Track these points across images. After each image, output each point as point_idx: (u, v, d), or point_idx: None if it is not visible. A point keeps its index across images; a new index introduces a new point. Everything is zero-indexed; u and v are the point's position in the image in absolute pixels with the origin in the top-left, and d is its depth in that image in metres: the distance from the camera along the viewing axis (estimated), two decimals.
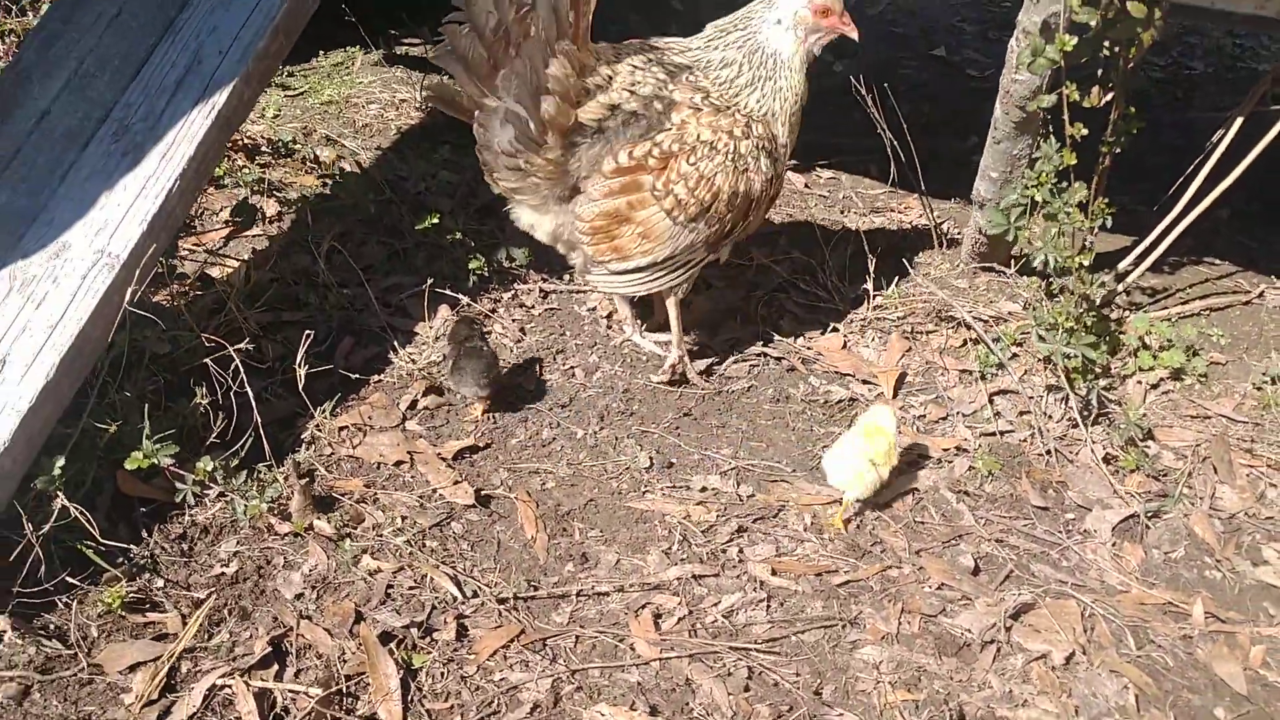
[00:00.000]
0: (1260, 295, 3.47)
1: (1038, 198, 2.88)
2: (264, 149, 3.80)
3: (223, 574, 2.38)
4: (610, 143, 2.75)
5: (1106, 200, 3.01)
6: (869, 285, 3.38)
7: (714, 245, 2.89)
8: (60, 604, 2.24)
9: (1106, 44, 2.76)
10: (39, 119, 2.61)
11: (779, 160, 2.88)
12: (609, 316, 3.24)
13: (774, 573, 2.51)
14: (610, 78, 2.74)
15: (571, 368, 3.06)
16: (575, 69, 2.64)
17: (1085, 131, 2.78)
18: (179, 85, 2.59)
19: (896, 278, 3.44)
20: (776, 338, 3.21)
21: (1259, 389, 3.06)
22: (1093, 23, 2.62)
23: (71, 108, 2.60)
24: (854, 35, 2.77)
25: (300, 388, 2.63)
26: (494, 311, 3.21)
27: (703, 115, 2.76)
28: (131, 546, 2.37)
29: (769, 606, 2.44)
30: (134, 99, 2.59)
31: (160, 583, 2.34)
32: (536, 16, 2.58)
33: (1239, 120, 3.16)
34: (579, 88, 2.66)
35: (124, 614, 2.25)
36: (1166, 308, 3.38)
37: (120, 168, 2.49)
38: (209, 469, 2.45)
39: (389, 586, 2.38)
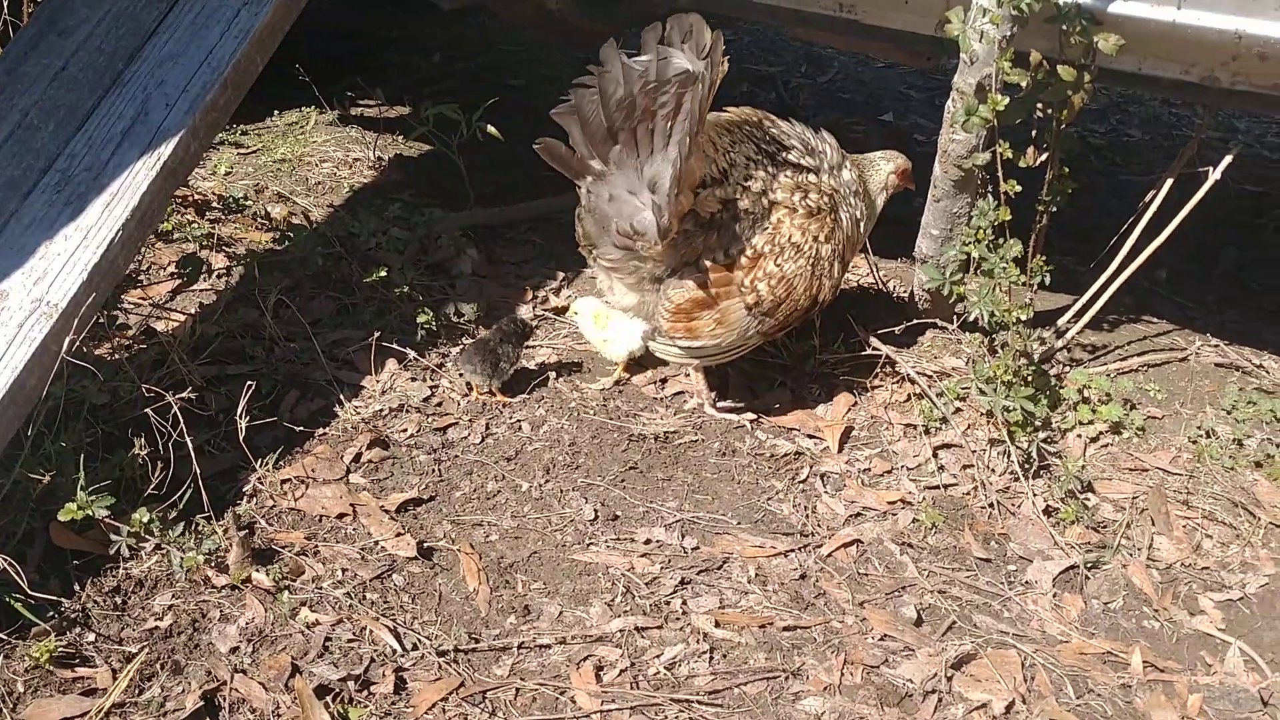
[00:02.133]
0: (1196, 352, 3.54)
1: (975, 254, 2.95)
2: (214, 205, 3.81)
3: (156, 627, 2.33)
4: (720, 236, 2.86)
5: (1045, 259, 3.09)
6: (816, 340, 3.42)
7: (771, 336, 3.04)
8: None
9: (1040, 106, 2.85)
10: None
11: (846, 267, 3.10)
12: (556, 372, 3.26)
13: (717, 624, 2.51)
14: (727, 170, 2.85)
15: (518, 421, 3.06)
16: (705, 162, 2.74)
17: (1019, 188, 2.85)
18: (125, 136, 2.60)
19: (843, 334, 3.49)
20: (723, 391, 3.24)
21: (1194, 442, 3.12)
22: (1023, 84, 2.71)
23: (14, 158, 2.60)
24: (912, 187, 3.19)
25: (241, 439, 2.61)
26: (441, 366, 3.22)
27: (796, 217, 2.91)
28: (63, 600, 2.33)
29: (712, 658, 2.43)
30: (78, 150, 2.59)
31: (91, 637, 2.30)
32: (677, 107, 2.63)
33: (1169, 182, 3.25)
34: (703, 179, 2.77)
35: (52, 669, 2.20)
36: (1106, 364, 3.45)
37: (62, 218, 2.49)
38: (145, 520, 2.41)
39: (327, 639, 2.35)
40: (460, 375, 3.10)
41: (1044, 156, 2.94)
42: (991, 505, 2.92)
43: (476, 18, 5.50)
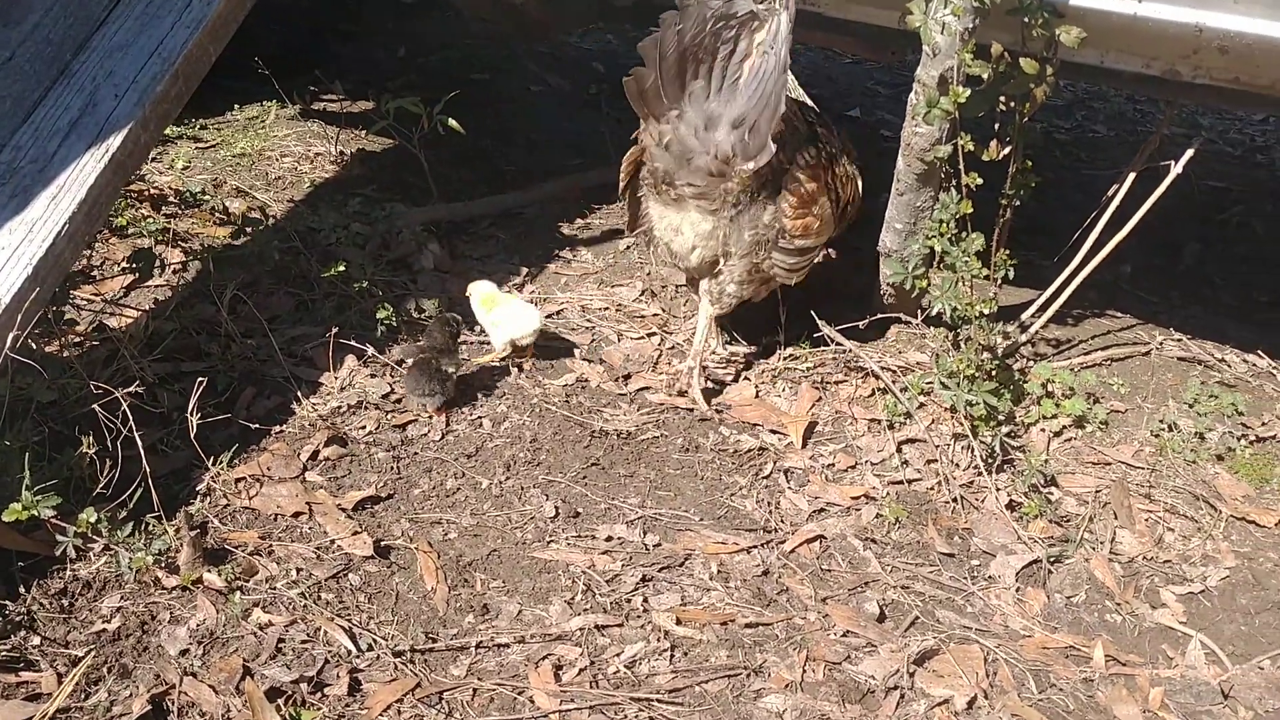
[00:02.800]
0: (1159, 346, 3.55)
1: (937, 248, 2.93)
2: (171, 200, 3.74)
3: (104, 630, 2.28)
4: (786, 150, 2.98)
5: (1009, 253, 3.08)
6: (780, 336, 3.40)
7: (838, 233, 3.33)
8: None
9: (1002, 99, 2.84)
10: None
11: None
12: (519, 367, 3.22)
13: (679, 622, 2.48)
14: None
15: (479, 417, 3.03)
16: None
17: (980, 181, 2.84)
18: (72, 128, 2.54)
19: (807, 329, 3.47)
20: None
21: (1156, 436, 3.12)
22: (985, 76, 2.69)
23: None
24: None
25: (193, 437, 2.56)
26: (401, 362, 3.17)
27: (827, 132, 3.22)
28: (6, 602, 2.27)
29: (672, 656, 2.40)
30: (24, 141, 2.53)
31: (37, 640, 2.24)
32: (768, 36, 2.79)
33: (1131, 176, 3.25)
34: None
35: None
36: (1069, 358, 3.45)
37: (5, 211, 2.43)
38: (92, 520, 2.36)
39: (280, 640, 2.30)
40: (415, 402, 2.99)
41: (1007, 150, 2.92)
42: (955, 500, 2.91)
43: (440, 11, 5.46)
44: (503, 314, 3.19)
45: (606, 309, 3.55)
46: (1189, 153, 3.10)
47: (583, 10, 4.41)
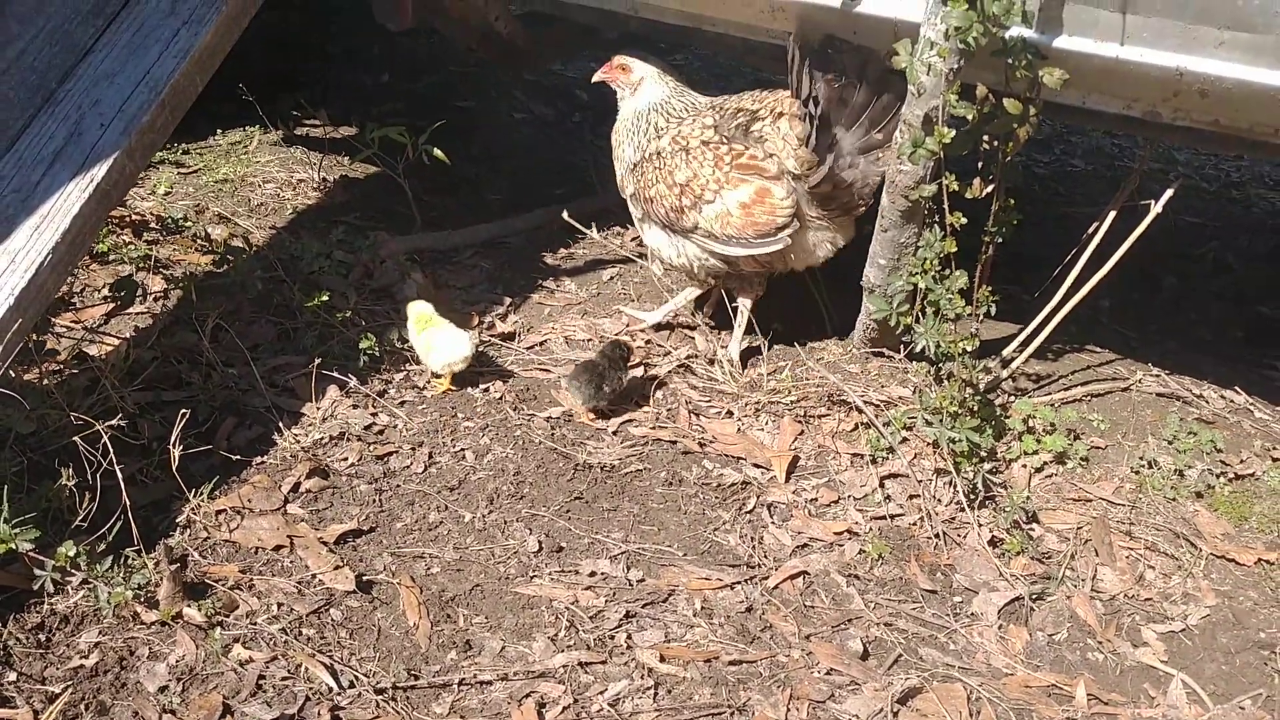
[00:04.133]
0: (1138, 382, 3.58)
1: (921, 285, 2.95)
2: (153, 226, 3.73)
3: (81, 666, 2.25)
4: None
5: (990, 289, 3.10)
6: (764, 369, 3.41)
7: None
8: None
9: (986, 138, 2.87)
10: None
11: None
12: (500, 399, 3.21)
13: (662, 659, 2.47)
14: None
15: (462, 450, 3.01)
16: None
17: (965, 220, 2.87)
18: (56, 157, 2.53)
19: (790, 363, 3.48)
20: (670, 421, 3.21)
21: (1136, 473, 3.14)
22: (970, 117, 2.72)
23: None
24: None
25: (174, 469, 2.54)
26: (384, 393, 3.16)
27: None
28: None
29: (656, 694, 2.39)
30: (6, 171, 2.52)
31: (13, 676, 2.21)
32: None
33: (1112, 214, 3.29)
34: None
35: None
36: (1050, 393, 3.47)
37: None
38: (71, 554, 2.33)
39: (260, 677, 2.28)
40: (570, 392, 3.17)
41: (990, 188, 2.95)
42: (937, 536, 2.91)
43: (426, 38, 5.47)
44: (435, 338, 3.17)
45: (590, 340, 3.54)
46: (1169, 192, 3.14)
47: (568, 40, 4.43)
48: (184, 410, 2.60)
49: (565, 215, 3.60)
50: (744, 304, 3.47)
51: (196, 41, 2.71)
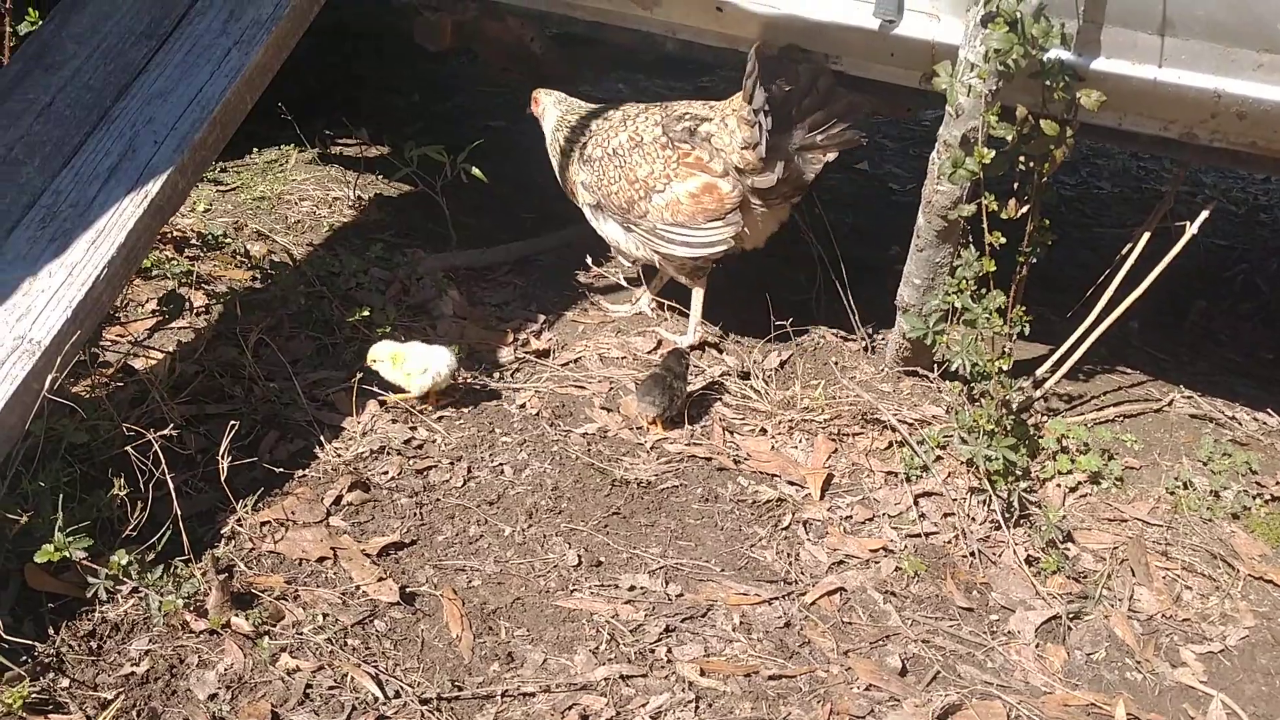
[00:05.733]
0: (1170, 403, 3.59)
1: (958, 304, 2.97)
2: (193, 242, 3.78)
3: (133, 673, 2.28)
4: None
5: (1024, 309, 3.13)
6: (797, 387, 3.44)
7: None
8: None
9: (1022, 159, 2.90)
10: None
11: None
12: (537, 414, 3.25)
13: (703, 673, 2.49)
14: None
15: (500, 465, 3.04)
16: None
17: (1004, 240, 2.89)
18: (112, 173, 2.58)
19: (823, 381, 3.51)
20: (705, 438, 3.24)
21: (1172, 493, 3.15)
22: (1009, 138, 2.75)
23: None
24: None
25: (223, 481, 2.58)
26: (421, 410, 3.19)
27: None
28: (36, 644, 2.27)
29: (697, 707, 2.40)
30: (64, 186, 2.57)
31: (66, 682, 2.24)
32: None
33: (1145, 235, 3.31)
34: None
35: (25, 715, 2.14)
36: (1083, 414, 3.48)
37: (46, 254, 2.46)
38: (123, 563, 2.37)
39: (308, 686, 2.31)
40: (638, 407, 3.22)
41: (1025, 208, 2.98)
42: (973, 554, 2.93)
43: (456, 59, 5.53)
44: (416, 362, 3.12)
45: (624, 358, 3.58)
46: (1204, 214, 3.17)
47: (599, 61, 4.49)
48: (232, 422, 2.64)
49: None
50: (697, 292, 3.65)
51: (247, 61, 2.77)
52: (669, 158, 3.46)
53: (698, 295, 3.63)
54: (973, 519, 3.03)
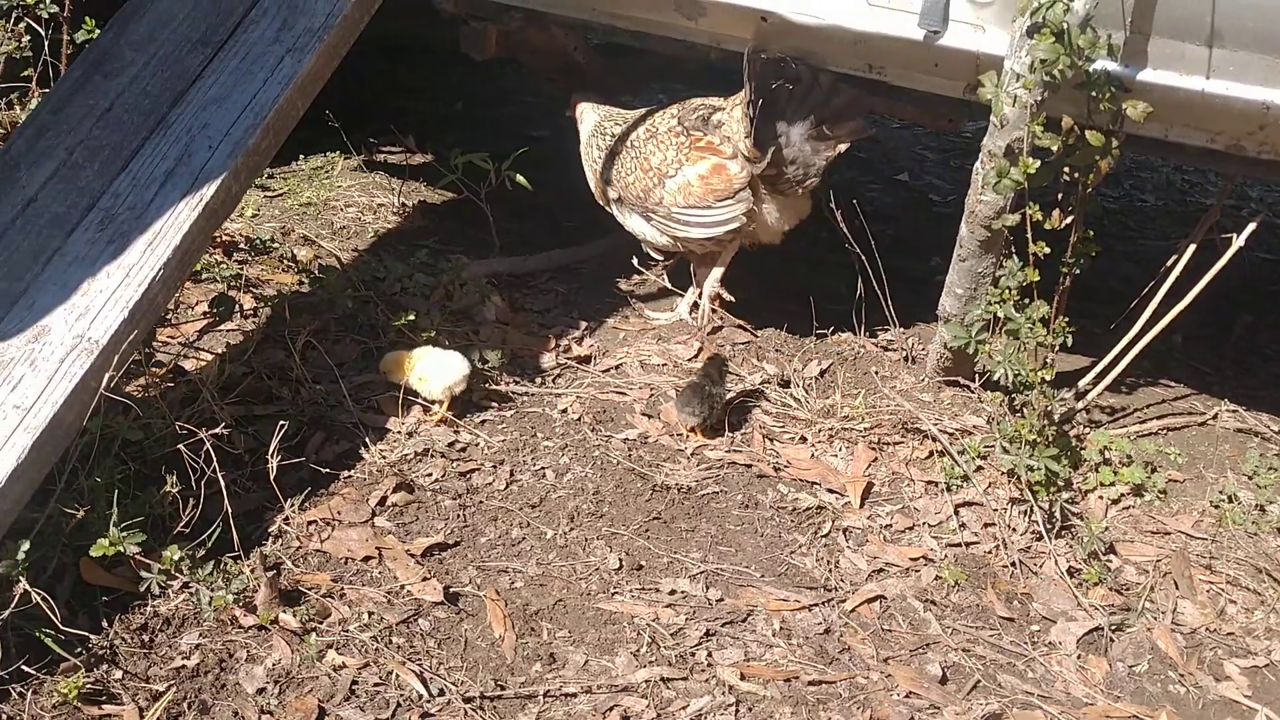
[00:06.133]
0: (1215, 417, 3.56)
1: (1000, 314, 2.97)
2: (242, 246, 3.85)
3: (183, 666, 2.33)
4: None
5: (1066, 320, 3.12)
6: (837, 396, 3.44)
7: None
8: (14, 693, 2.18)
9: (1066, 170, 2.90)
10: (24, 206, 2.64)
11: None
12: (579, 420, 3.27)
13: (743, 677, 2.50)
14: None
15: (542, 468, 3.07)
16: None
17: (1048, 250, 2.89)
18: (168, 177, 2.63)
19: (864, 390, 3.51)
20: (745, 445, 3.25)
21: (1216, 507, 3.13)
22: (1054, 148, 2.75)
23: (59, 196, 2.64)
24: None
25: (273, 479, 2.62)
26: (463, 416, 3.22)
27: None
28: (91, 636, 2.32)
29: (738, 711, 2.42)
30: (122, 189, 2.63)
31: (118, 674, 2.29)
32: None
33: (1191, 247, 3.29)
34: None
35: (79, 705, 2.19)
36: (1125, 426, 3.47)
37: (105, 255, 2.51)
38: (175, 558, 2.41)
39: (353, 683, 2.34)
40: (679, 417, 3.26)
41: (1069, 219, 2.97)
42: (1013, 564, 2.92)
43: (498, 70, 5.59)
44: (428, 366, 3.13)
45: (664, 365, 3.60)
46: (1251, 226, 3.15)
47: (642, 71, 4.53)
48: (282, 422, 2.68)
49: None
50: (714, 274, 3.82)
51: (299, 69, 2.82)
52: (681, 144, 3.65)
53: (717, 270, 3.80)
54: (1013, 529, 3.02)
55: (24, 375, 2.34)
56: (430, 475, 2.98)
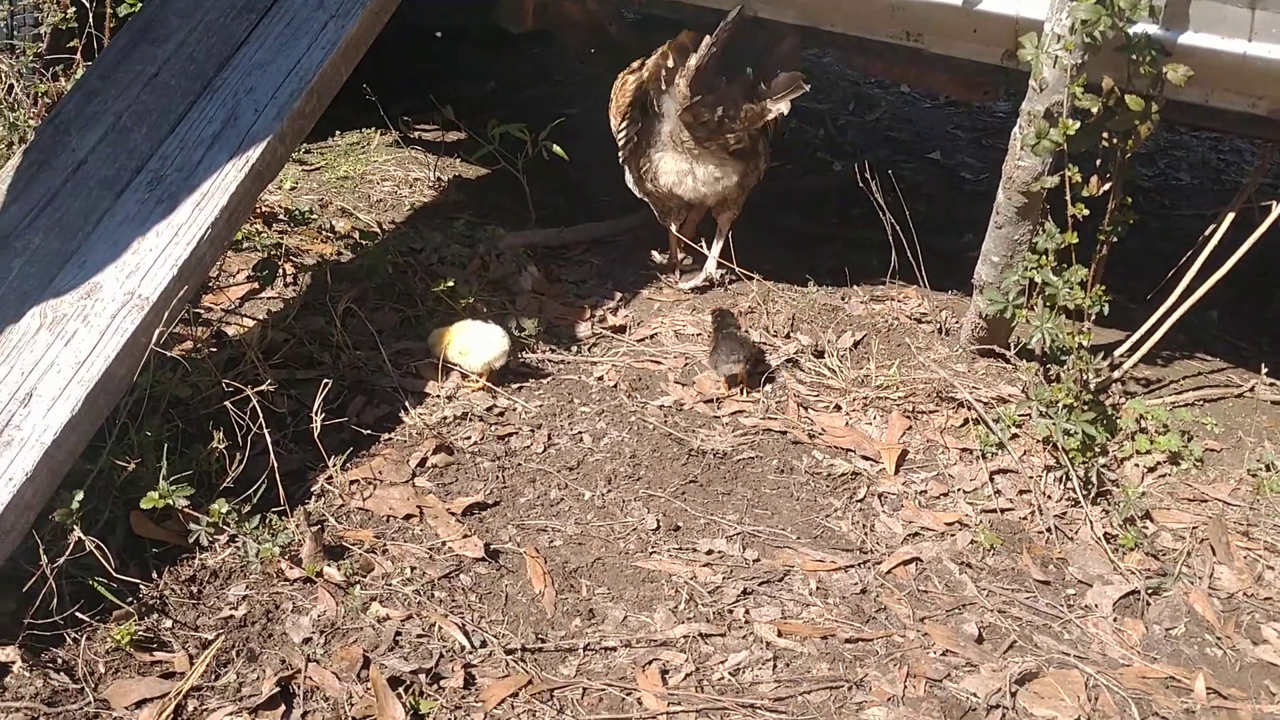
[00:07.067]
0: (1251, 389, 3.55)
1: (1038, 278, 2.98)
2: (281, 217, 3.89)
3: (231, 616, 2.37)
4: None
5: (1103, 289, 3.12)
6: (871, 366, 3.46)
7: None
8: (69, 638, 2.23)
9: (1105, 135, 2.89)
10: (75, 168, 2.68)
11: None
12: (615, 387, 3.30)
13: (780, 634, 2.52)
14: None
15: (579, 433, 3.10)
16: None
17: (1087, 212, 2.89)
18: (215, 140, 2.67)
19: (897, 361, 3.52)
20: (780, 412, 3.27)
21: (1254, 475, 3.13)
22: (1095, 110, 2.75)
23: (108, 158, 2.68)
24: None
25: (316, 437, 2.66)
26: (501, 382, 3.25)
27: None
28: (141, 586, 2.37)
29: (775, 666, 2.44)
30: (170, 151, 2.67)
31: (168, 623, 2.34)
32: None
33: (1230, 216, 3.28)
34: None
35: (131, 651, 2.24)
36: (1161, 396, 3.46)
37: (154, 215, 2.56)
38: (223, 512, 2.46)
39: (397, 634, 2.38)
40: (721, 369, 3.32)
41: (1107, 186, 2.97)
42: (1049, 530, 2.93)
43: (531, 48, 5.62)
44: (468, 339, 3.16)
45: (699, 335, 3.62)
46: None
47: None
48: (326, 380, 2.72)
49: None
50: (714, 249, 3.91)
51: (343, 34, 2.86)
52: (624, 75, 3.75)
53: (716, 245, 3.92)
54: (1048, 496, 3.03)
55: (77, 330, 2.39)
56: (469, 438, 3.02)
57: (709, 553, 2.74)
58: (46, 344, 2.37)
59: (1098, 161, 2.98)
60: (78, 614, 2.25)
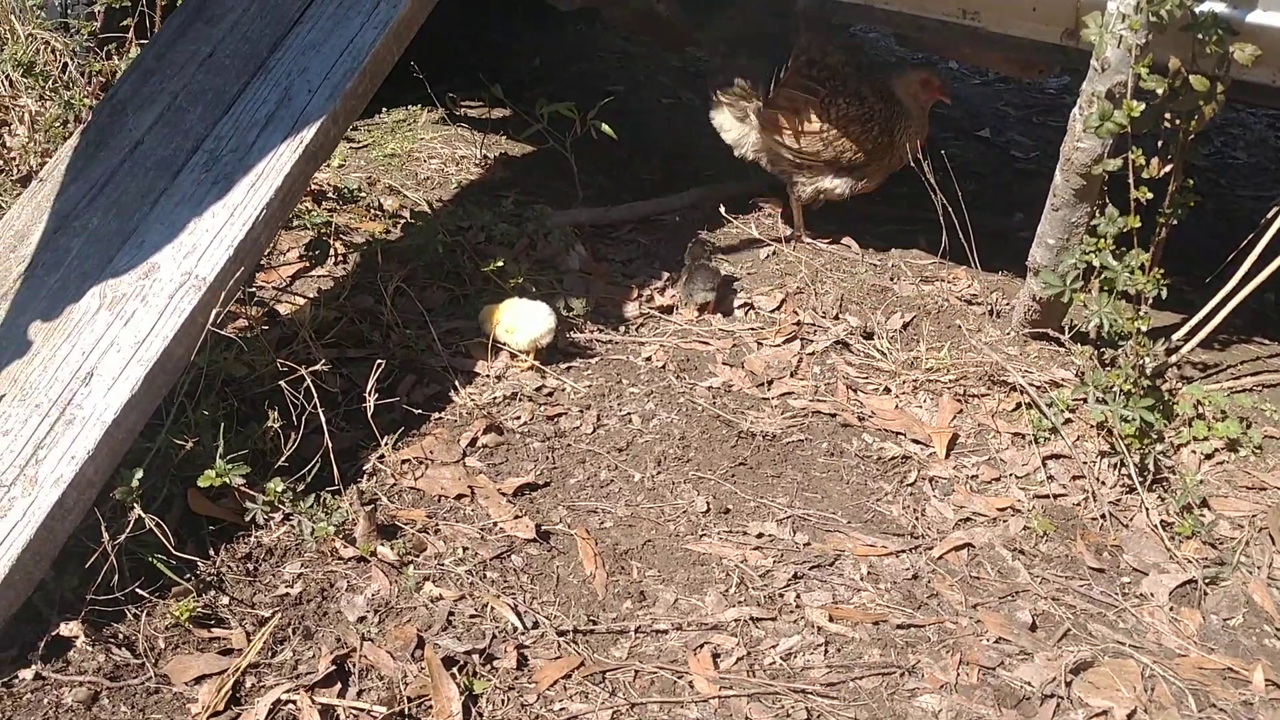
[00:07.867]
0: None
1: (1096, 262, 2.93)
2: (329, 195, 3.91)
3: (287, 594, 2.40)
4: None
5: (1162, 271, 3.06)
6: (921, 348, 3.42)
7: None
8: (129, 614, 2.27)
9: (1167, 116, 2.83)
10: (132, 149, 2.70)
11: None
12: (663, 368, 3.29)
13: (831, 619, 2.52)
14: None
15: (628, 414, 3.10)
16: None
17: (1150, 196, 2.83)
18: (269, 120, 2.68)
19: (947, 343, 3.49)
20: (829, 395, 3.25)
21: None
22: (1160, 91, 2.70)
23: (164, 139, 2.70)
24: None
25: (370, 415, 2.68)
26: (550, 362, 3.25)
27: None
28: (199, 563, 2.40)
29: (827, 651, 2.43)
30: (225, 132, 2.68)
31: (226, 600, 2.37)
32: None
33: None
34: None
35: (190, 627, 2.27)
36: (1219, 381, 3.40)
37: (210, 196, 2.57)
38: (279, 490, 2.48)
39: (450, 614, 2.39)
40: (695, 298, 3.54)
41: (1168, 167, 2.92)
42: (1103, 517, 2.89)
43: (575, 26, 5.59)
44: (515, 317, 3.17)
45: (747, 316, 3.60)
46: None
47: (725, 23, 4.49)
48: (379, 360, 2.73)
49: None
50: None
51: (395, 14, 2.85)
52: None
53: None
54: (1103, 482, 2.99)
55: (136, 310, 2.41)
56: (519, 418, 3.03)
57: (759, 536, 2.74)
58: (106, 323, 2.39)
59: (1158, 143, 2.91)
60: (138, 590, 2.29)
